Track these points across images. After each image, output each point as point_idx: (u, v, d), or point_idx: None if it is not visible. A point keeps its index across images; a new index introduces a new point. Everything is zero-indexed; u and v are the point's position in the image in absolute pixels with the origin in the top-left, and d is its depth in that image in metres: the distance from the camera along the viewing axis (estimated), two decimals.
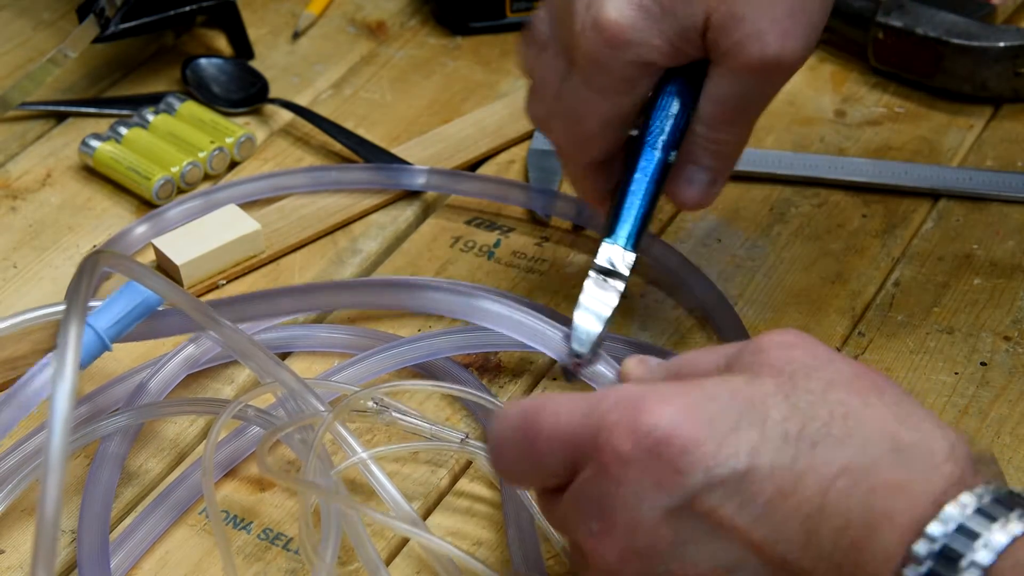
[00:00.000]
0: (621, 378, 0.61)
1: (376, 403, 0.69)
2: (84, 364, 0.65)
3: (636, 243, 0.71)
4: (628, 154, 0.71)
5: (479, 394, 0.71)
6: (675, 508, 0.50)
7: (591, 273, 0.70)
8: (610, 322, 0.70)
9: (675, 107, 0.70)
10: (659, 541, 0.51)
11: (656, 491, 0.50)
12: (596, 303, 0.70)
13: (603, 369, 0.69)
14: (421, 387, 0.72)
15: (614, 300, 0.70)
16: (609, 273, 0.70)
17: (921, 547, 0.48)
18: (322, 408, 0.66)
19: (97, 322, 0.66)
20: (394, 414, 0.69)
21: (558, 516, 0.55)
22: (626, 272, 0.70)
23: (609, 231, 0.71)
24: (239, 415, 0.67)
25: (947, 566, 0.47)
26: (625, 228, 0.71)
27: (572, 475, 0.53)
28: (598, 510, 0.52)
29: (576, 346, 0.69)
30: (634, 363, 0.61)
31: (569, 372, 0.70)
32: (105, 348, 0.66)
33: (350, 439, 0.66)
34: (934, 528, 0.48)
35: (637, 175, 0.70)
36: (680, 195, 0.71)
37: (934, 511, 0.48)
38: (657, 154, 0.70)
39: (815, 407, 0.51)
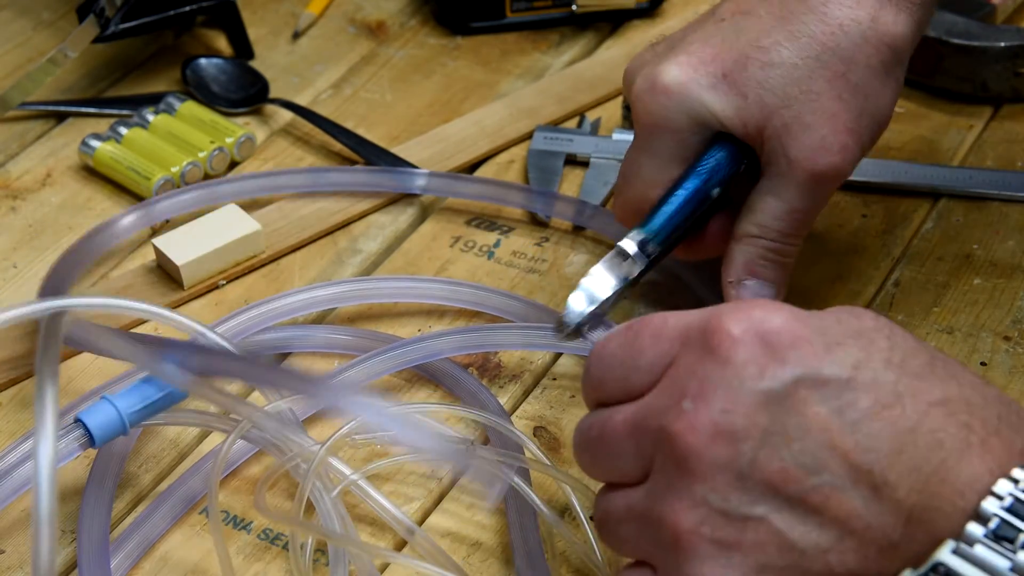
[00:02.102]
0: None
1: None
2: (99, 442, 0.65)
3: (664, 240, 0.72)
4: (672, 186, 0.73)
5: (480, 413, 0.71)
6: (774, 395, 0.51)
7: (606, 256, 0.72)
8: (608, 304, 0.71)
9: (722, 154, 0.72)
10: (752, 426, 0.51)
11: (760, 374, 0.51)
12: (596, 283, 0.71)
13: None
14: (403, 460, 0.71)
15: (614, 283, 0.71)
16: (624, 256, 0.71)
17: (1004, 486, 0.49)
18: (315, 445, 0.66)
19: (121, 403, 0.65)
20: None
21: (641, 411, 0.54)
22: (642, 261, 0.71)
23: (643, 223, 0.72)
24: (243, 436, 0.68)
25: None
26: (658, 221, 0.72)
27: (671, 363, 0.54)
28: (697, 388, 0.52)
29: (565, 320, 0.71)
30: None
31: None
32: (123, 432, 0.65)
33: (340, 466, 0.66)
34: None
35: (679, 191, 0.72)
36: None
37: None
38: (699, 181, 0.72)
39: (916, 349, 0.52)
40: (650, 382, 0.54)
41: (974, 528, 0.49)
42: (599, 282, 0.72)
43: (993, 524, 0.49)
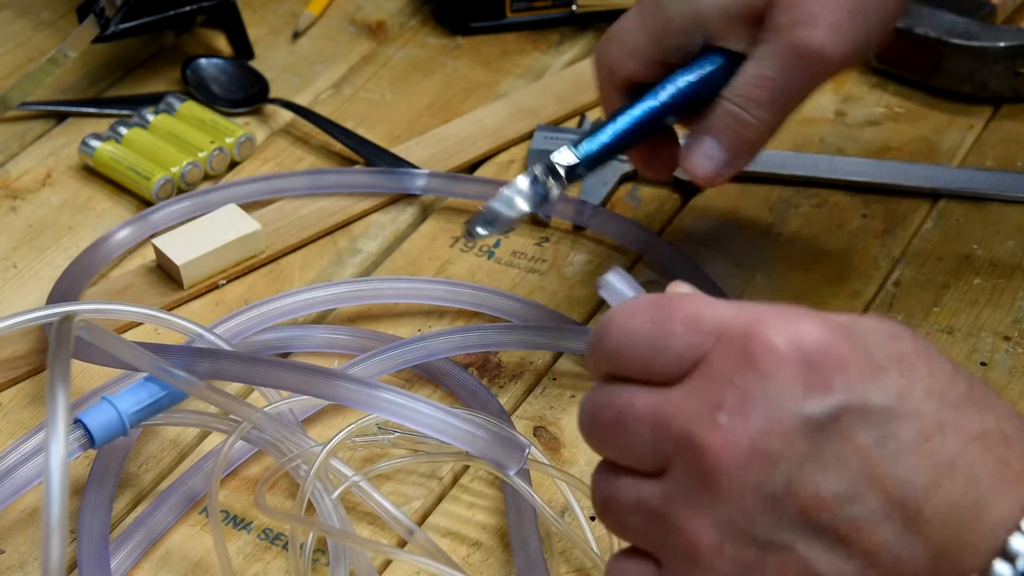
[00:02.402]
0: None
1: (380, 427, 0.69)
2: (99, 443, 0.65)
3: (587, 160, 0.71)
4: (630, 98, 0.72)
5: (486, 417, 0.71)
6: (816, 421, 0.49)
7: (534, 169, 0.70)
8: (516, 219, 0.70)
9: (695, 75, 0.71)
10: (790, 449, 0.49)
11: (804, 397, 0.49)
12: (515, 193, 0.70)
13: None
14: (402, 463, 0.71)
15: (530, 200, 0.70)
16: (552, 174, 0.70)
17: None
18: (315, 446, 0.66)
19: (121, 404, 0.65)
20: (397, 434, 0.69)
21: (667, 407, 0.51)
22: (562, 174, 0.70)
23: (581, 141, 0.71)
24: (244, 437, 0.68)
25: None
26: (594, 145, 0.71)
27: (703, 356, 0.51)
28: (736, 401, 0.49)
29: (472, 227, 0.70)
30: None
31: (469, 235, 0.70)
32: (123, 432, 0.65)
33: (341, 467, 0.66)
34: None
35: (624, 112, 0.71)
36: (692, 165, 0.72)
37: None
38: (653, 103, 0.71)
39: (954, 377, 0.50)
40: (678, 372, 0.51)
41: (1001, 567, 0.48)
42: (517, 193, 0.70)
43: (1021, 564, 0.47)
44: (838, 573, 0.49)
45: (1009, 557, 0.48)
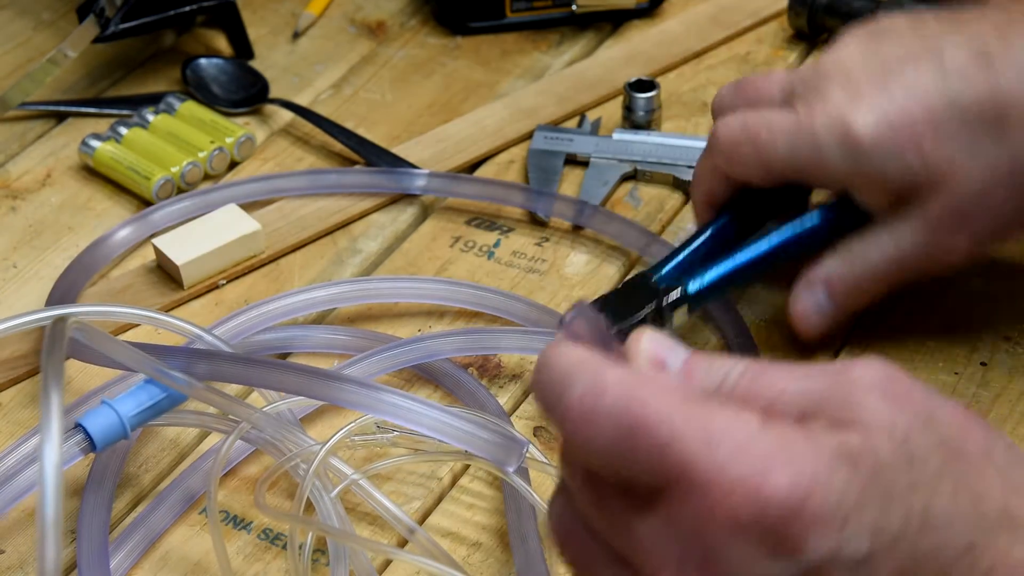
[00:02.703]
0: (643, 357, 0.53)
1: (379, 426, 0.69)
2: (100, 447, 0.65)
3: (697, 298, 0.72)
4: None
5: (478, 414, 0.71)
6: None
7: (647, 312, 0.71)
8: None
9: (821, 221, 0.73)
10: None
11: (772, 560, 0.46)
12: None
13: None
14: (402, 460, 0.70)
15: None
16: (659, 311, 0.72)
17: None
18: (315, 445, 0.66)
19: (121, 407, 0.65)
20: (396, 433, 0.69)
21: (638, 546, 0.49)
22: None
23: (691, 275, 0.72)
24: (243, 437, 0.68)
25: None
26: (703, 283, 0.72)
27: (663, 486, 0.48)
28: (701, 558, 0.47)
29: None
30: (675, 358, 0.52)
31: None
32: (124, 436, 0.65)
33: (340, 466, 0.66)
34: None
35: (743, 249, 0.73)
36: (801, 318, 0.72)
37: None
38: (774, 242, 0.73)
39: (936, 481, 0.47)
40: (645, 489, 0.48)
41: None
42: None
43: None
44: None
45: None
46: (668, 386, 0.48)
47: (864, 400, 0.48)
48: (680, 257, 0.74)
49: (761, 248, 0.73)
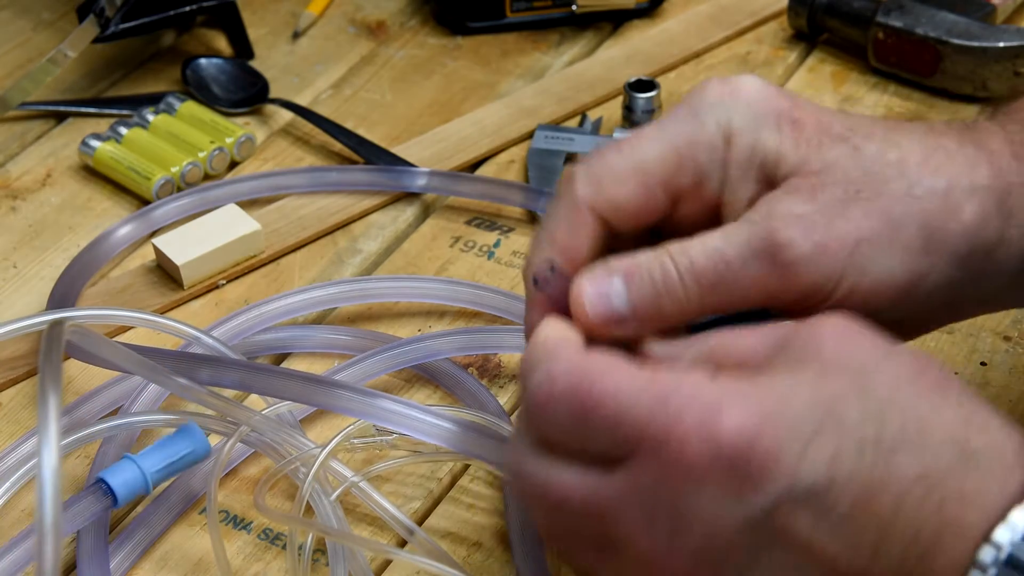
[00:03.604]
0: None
1: (377, 429, 0.69)
2: (122, 502, 0.64)
3: None
4: None
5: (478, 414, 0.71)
6: (753, 519, 0.48)
7: None
8: None
9: None
10: (735, 550, 0.49)
11: (735, 503, 0.48)
12: None
13: None
14: (402, 462, 0.70)
15: None
16: None
17: (987, 554, 0.47)
18: (314, 448, 0.66)
19: (144, 463, 0.65)
20: (396, 435, 0.69)
21: (605, 504, 0.50)
22: None
23: None
24: (242, 440, 0.68)
25: (1013, 574, 0.47)
26: None
27: (626, 455, 0.49)
28: (669, 516, 0.49)
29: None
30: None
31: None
32: (146, 491, 0.65)
33: (340, 468, 0.66)
34: (1000, 534, 0.47)
35: None
36: (584, 297, 0.56)
37: (1002, 517, 0.47)
38: None
39: (888, 411, 0.48)
40: (608, 460, 0.50)
41: None
42: None
43: None
44: None
45: None
46: (616, 363, 0.50)
47: (823, 340, 0.50)
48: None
49: None
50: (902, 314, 0.57)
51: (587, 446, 0.50)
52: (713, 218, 0.58)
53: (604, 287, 0.56)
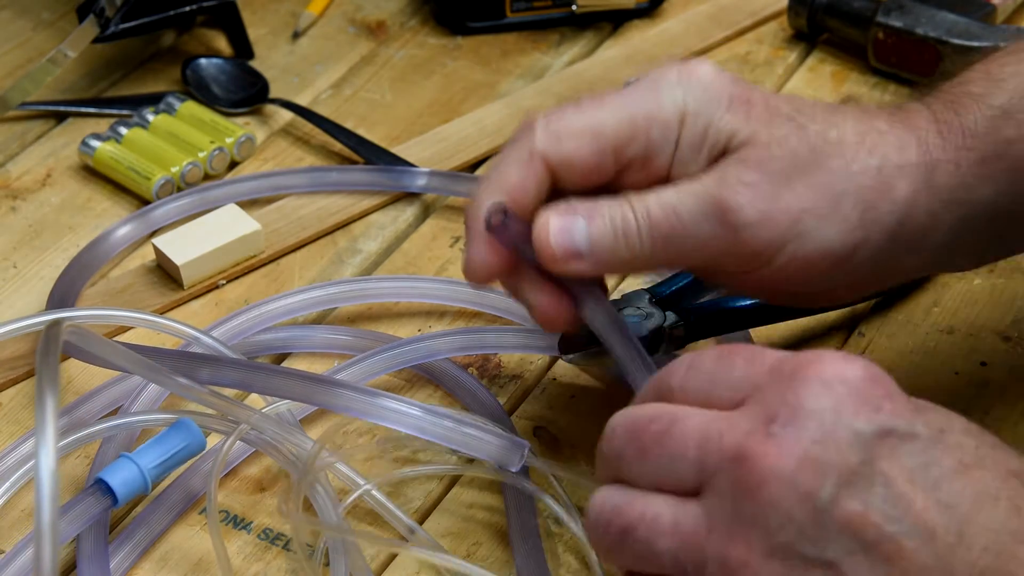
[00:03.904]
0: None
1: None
2: (121, 501, 0.64)
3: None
4: None
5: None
6: (865, 438, 0.49)
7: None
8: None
9: None
10: (840, 461, 0.49)
11: (854, 413, 0.50)
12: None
13: None
14: (414, 473, 0.70)
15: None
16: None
17: None
18: (329, 455, 0.67)
19: (142, 460, 0.65)
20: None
21: (719, 424, 0.51)
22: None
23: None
24: (242, 438, 0.68)
25: None
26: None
27: (749, 396, 0.52)
28: (789, 414, 0.50)
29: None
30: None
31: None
32: (145, 489, 0.65)
33: (351, 474, 0.67)
34: None
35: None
36: (548, 229, 0.61)
37: None
38: None
39: (982, 428, 0.52)
40: (732, 401, 0.52)
41: None
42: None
43: None
44: None
45: None
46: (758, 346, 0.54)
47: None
48: (685, 280, 0.74)
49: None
50: (837, 282, 0.62)
51: (718, 391, 0.53)
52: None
53: (568, 222, 0.60)
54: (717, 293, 0.75)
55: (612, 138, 0.61)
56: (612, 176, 0.62)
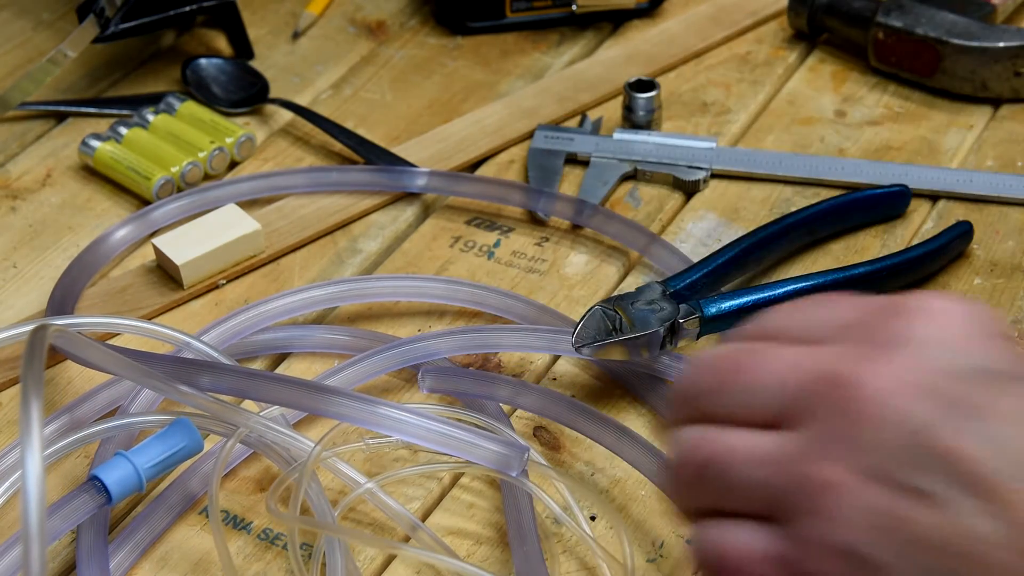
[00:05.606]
0: None
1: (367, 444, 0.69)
2: (116, 499, 0.64)
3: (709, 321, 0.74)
4: None
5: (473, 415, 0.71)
6: (979, 371, 0.47)
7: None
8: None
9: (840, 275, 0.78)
10: (941, 386, 0.47)
11: (966, 348, 0.48)
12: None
13: None
14: (411, 471, 0.70)
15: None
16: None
17: None
18: (312, 446, 0.66)
19: (138, 459, 0.65)
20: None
21: (814, 353, 0.49)
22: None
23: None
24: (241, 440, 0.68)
25: None
26: (713, 304, 0.74)
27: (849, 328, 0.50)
28: (892, 340, 0.48)
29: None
30: None
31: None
32: (140, 488, 0.65)
33: (351, 472, 0.67)
34: None
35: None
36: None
37: None
38: (791, 287, 0.75)
39: None
40: (831, 333, 0.50)
41: None
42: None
43: None
44: (986, 531, 0.46)
45: None
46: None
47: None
48: (698, 274, 0.75)
49: (786, 288, 0.75)
50: None
51: (818, 326, 0.51)
52: None
53: None
54: (730, 286, 0.75)
55: None
56: None
